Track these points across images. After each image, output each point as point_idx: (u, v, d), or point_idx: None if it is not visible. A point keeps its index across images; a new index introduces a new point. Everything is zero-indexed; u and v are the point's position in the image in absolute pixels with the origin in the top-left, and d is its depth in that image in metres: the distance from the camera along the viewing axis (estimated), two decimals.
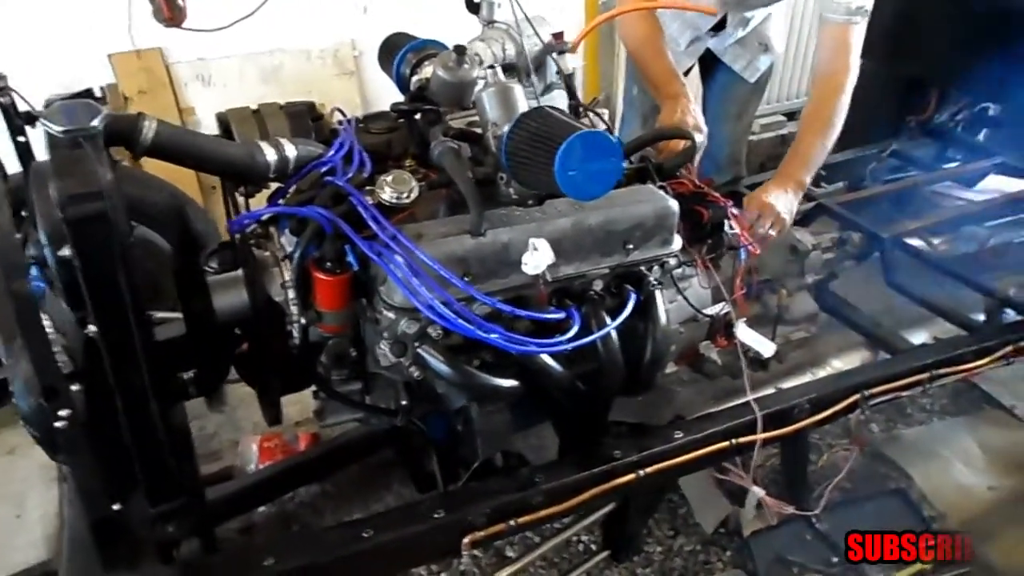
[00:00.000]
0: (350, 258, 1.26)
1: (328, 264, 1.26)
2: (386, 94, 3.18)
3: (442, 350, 1.31)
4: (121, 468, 1.28)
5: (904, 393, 1.76)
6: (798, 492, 1.81)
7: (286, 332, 1.34)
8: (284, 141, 1.35)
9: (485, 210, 1.32)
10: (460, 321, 1.21)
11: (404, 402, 1.43)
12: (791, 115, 3.87)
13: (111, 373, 1.17)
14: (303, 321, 1.31)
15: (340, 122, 1.54)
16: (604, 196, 1.43)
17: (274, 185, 1.40)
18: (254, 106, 1.51)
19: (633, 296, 1.42)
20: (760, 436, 1.58)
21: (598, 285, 1.44)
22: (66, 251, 1.08)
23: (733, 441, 1.57)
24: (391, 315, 1.28)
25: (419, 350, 1.31)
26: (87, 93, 1.30)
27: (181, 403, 1.47)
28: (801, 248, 2.00)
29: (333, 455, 2.09)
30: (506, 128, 1.28)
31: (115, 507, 1.29)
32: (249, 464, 2.16)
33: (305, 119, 1.47)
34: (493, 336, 1.23)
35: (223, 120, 1.43)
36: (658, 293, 1.49)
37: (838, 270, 2.15)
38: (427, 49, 1.68)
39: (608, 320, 1.40)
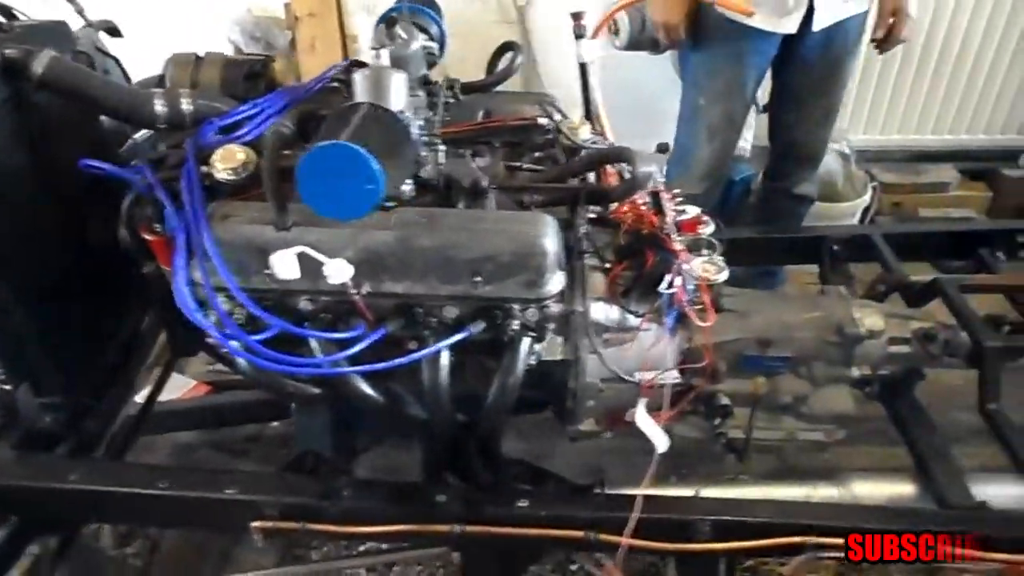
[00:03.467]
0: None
1: (155, 225, 1.28)
2: (551, 47, 3.04)
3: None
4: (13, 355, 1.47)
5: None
6: None
7: None
8: (184, 94, 1.36)
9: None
10: (195, 312, 1.15)
11: None
12: None
13: None
14: (144, 270, 1.35)
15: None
16: (462, 216, 1.27)
17: None
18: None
19: (463, 332, 1.23)
20: (627, 541, 1.29)
21: (451, 312, 1.26)
22: None
23: (592, 535, 1.32)
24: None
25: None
26: None
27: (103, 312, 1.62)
28: (850, 331, 1.54)
29: None
30: None
31: (7, 387, 1.51)
32: None
33: (237, 74, 1.47)
34: (228, 338, 1.16)
35: (167, 63, 1.49)
36: (526, 340, 1.27)
37: (923, 367, 1.63)
38: (410, 15, 1.56)
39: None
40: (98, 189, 1.51)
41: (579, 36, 1.63)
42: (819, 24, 1.97)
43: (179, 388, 2.25)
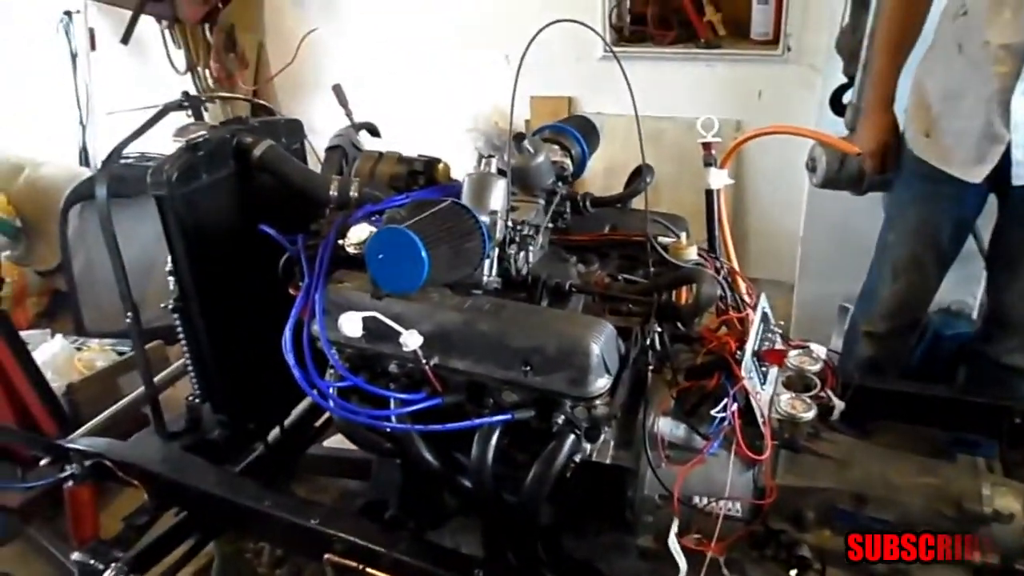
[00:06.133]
0: None
1: (300, 283, 1.56)
2: (761, 176, 3.05)
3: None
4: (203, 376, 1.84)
5: None
6: None
7: None
8: (354, 182, 1.66)
9: None
10: (292, 360, 1.37)
11: None
12: None
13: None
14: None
15: None
16: (521, 309, 1.38)
17: None
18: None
19: (503, 416, 1.32)
20: None
21: (510, 397, 1.37)
22: None
23: None
24: None
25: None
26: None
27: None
28: (969, 508, 1.36)
29: None
30: None
31: (196, 400, 1.88)
32: None
33: (403, 170, 1.74)
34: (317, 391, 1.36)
35: (357, 157, 1.81)
36: (571, 436, 1.33)
37: None
38: (553, 133, 1.73)
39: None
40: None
41: (707, 164, 1.68)
42: (1019, 179, 1.79)
43: None
